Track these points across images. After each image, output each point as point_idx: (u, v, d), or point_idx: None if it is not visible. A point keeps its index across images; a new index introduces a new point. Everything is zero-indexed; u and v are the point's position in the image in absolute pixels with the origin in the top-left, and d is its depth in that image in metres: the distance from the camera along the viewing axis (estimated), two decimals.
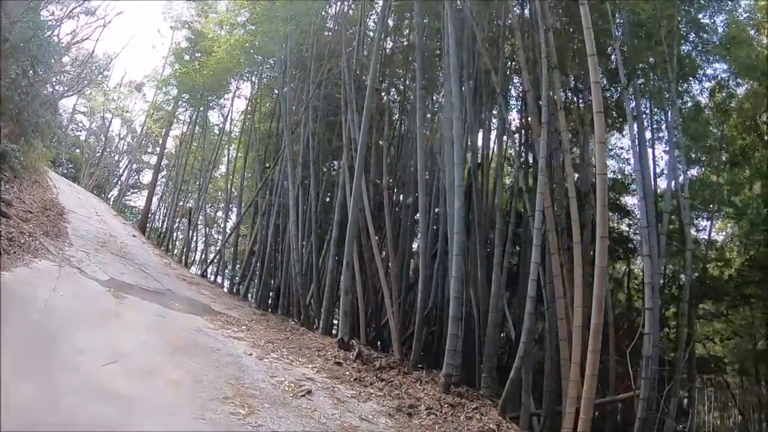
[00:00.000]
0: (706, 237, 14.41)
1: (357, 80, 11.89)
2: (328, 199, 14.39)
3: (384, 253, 10.40)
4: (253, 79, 19.05)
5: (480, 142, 11.31)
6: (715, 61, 12.18)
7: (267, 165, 14.34)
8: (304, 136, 12.97)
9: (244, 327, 9.12)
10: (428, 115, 10.64)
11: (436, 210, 10.82)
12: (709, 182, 13.46)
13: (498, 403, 7.42)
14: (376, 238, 10.51)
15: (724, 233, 17.43)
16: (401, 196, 12.84)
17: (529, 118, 9.43)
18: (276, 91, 16.64)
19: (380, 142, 11.66)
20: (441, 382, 7.58)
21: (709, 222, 14.50)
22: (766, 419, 16.56)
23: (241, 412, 4.87)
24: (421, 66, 9.99)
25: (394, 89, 14.21)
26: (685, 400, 12.55)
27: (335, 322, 11.32)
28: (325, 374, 7.24)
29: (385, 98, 12.41)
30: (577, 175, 11.60)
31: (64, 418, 3.55)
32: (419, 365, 8.75)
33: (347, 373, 7.56)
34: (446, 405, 6.96)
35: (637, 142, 9.78)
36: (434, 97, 12.05)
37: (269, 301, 14.80)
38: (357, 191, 8.87)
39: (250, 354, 7.09)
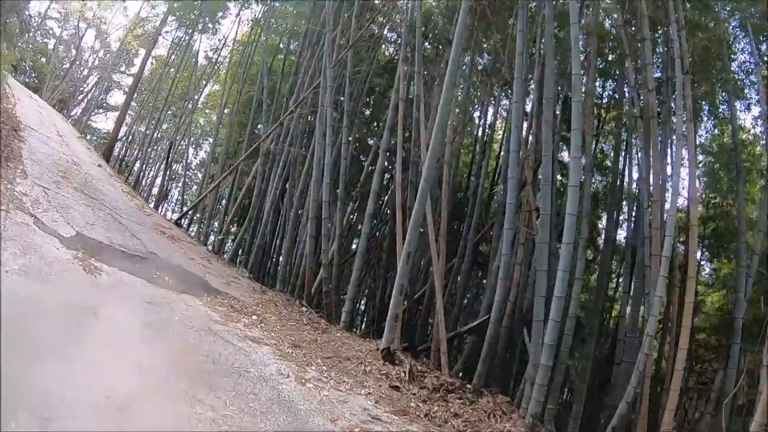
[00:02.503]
0: None
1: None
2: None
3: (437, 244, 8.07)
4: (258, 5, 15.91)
5: None
6: None
7: (290, 109, 11.38)
8: (339, 82, 10.30)
9: (255, 317, 6.95)
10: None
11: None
12: None
13: None
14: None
15: None
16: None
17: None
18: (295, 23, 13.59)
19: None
20: (528, 423, 5.77)
21: None
22: None
23: None
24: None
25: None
26: None
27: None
28: (388, 407, 5.26)
29: None
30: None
31: None
32: (481, 389, 6.88)
33: (412, 404, 5.61)
34: None
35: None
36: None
37: (262, 269, 12.42)
38: (432, 159, 6.53)
39: (288, 376, 4.98)
